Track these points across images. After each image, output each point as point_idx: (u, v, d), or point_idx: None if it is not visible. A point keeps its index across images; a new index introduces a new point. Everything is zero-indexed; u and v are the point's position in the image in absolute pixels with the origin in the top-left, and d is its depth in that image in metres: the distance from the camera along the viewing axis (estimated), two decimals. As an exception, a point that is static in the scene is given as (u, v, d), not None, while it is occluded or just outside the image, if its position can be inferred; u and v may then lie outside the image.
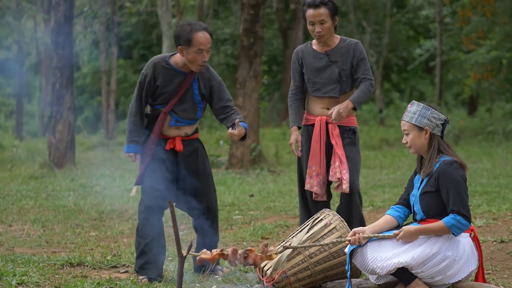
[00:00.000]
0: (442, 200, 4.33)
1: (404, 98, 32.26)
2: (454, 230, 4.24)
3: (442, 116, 4.44)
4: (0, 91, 32.57)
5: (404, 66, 31.52)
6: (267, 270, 4.74)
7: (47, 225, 7.67)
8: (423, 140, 4.43)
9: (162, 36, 19.90)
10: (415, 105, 4.46)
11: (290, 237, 4.92)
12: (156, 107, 5.21)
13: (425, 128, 4.41)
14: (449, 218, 4.24)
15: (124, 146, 5.24)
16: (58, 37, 13.13)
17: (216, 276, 5.20)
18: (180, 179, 5.22)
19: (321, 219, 4.88)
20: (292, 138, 5.59)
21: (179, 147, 5.17)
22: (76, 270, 5.40)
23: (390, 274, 4.34)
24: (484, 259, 5.37)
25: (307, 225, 4.88)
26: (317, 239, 4.76)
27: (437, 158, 4.40)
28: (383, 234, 4.35)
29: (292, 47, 23.02)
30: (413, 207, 4.48)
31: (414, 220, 4.49)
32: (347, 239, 4.41)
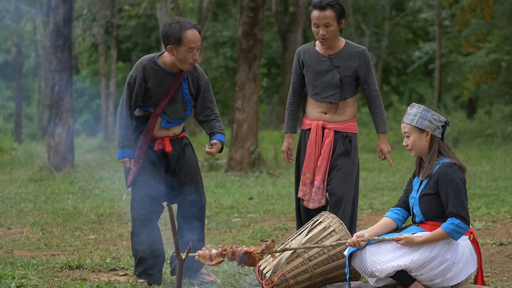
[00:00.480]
0: (441, 202, 4.33)
1: (403, 101, 32.24)
2: (454, 235, 4.24)
3: (443, 118, 4.43)
4: (-1, 94, 32.58)
5: (403, 69, 31.52)
6: (266, 272, 4.73)
7: (46, 228, 7.66)
8: (424, 142, 4.43)
9: (161, 39, 19.93)
10: (415, 107, 4.45)
11: (290, 240, 4.91)
12: (146, 109, 5.08)
13: (426, 130, 4.40)
14: (447, 223, 4.23)
15: (117, 152, 5.02)
16: (57, 40, 13.13)
17: (211, 279, 5.16)
18: (168, 178, 5.11)
19: (320, 221, 4.88)
20: (284, 145, 5.49)
21: (168, 148, 5.07)
22: (75, 273, 5.40)
23: (389, 277, 4.33)
24: (483, 261, 5.37)
25: (306, 228, 4.88)
26: (317, 242, 4.76)
27: (437, 160, 4.40)
28: (384, 237, 4.33)
29: (291, 50, 23.05)
30: (412, 209, 4.47)
31: (413, 222, 4.48)
32: (346, 241, 4.41)
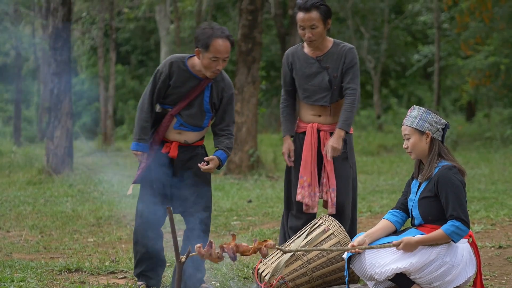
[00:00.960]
0: (440, 205, 4.33)
1: (402, 104, 32.29)
2: (454, 237, 4.24)
3: (443, 121, 4.44)
4: (-2, 97, 32.60)
5: (402, 72, 31.55)
6: (265, 276, 4.73)
7: (45, 231, 7.66)
8: (424, 145, 4.43)
9: (160, 41, 19.90)
10: (416, 110, 4.45)
11: (289, 243, 4.91)
12: (164, 106, 5.02)
13: (426, 132, 4.40)
14: (448, 225, 4.24)
15: (132, 143, 4.94)
16: (56, 43, 13.13)
17: (214, 282, 5.18)
18: (175, 183, 4.99)
19: (319, 224, 4.88)
20: (284, 147, 5.41)
21: (173, 153, 4.96)
22: (74, 276, 5.40)
23: (389, 280, 4.33)
24: (482, 264, 5.36)
25: (305, 231, 4.88)
26: (316, 245, 4.76)
27: (437, 163, 4.40)
28: (383, 244, 4.32)
29: (290, 53, 23.04)
30: (411, 212, 4.47)
31: (412, 225, 4.48)
32: (346, 248, 4.40)
